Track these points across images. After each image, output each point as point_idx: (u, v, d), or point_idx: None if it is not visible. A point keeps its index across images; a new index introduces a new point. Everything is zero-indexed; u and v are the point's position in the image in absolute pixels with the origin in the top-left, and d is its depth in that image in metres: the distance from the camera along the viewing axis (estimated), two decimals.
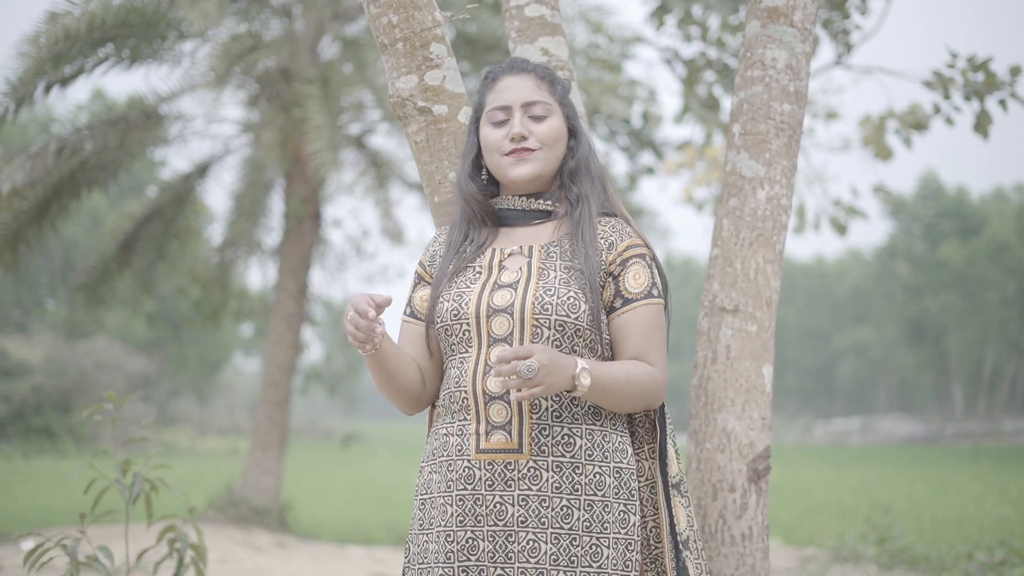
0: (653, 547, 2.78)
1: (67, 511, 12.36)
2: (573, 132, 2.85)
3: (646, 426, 2.82)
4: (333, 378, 21.22)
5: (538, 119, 2.78)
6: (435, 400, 2.84)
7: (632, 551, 2.66)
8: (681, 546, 2.75)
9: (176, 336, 35.00)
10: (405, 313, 2.85)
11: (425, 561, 2.70)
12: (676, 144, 11.50)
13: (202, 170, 13.61)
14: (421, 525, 2.74)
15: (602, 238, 2.76)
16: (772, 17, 3.50)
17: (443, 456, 2.70)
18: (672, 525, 2.76)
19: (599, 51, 11.34)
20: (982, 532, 11.11)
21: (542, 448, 2.61)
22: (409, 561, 2.78)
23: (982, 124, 7.03)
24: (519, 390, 2.44)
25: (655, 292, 2.73)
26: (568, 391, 2.53)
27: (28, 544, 7.03)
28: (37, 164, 11.02)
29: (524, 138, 2.76)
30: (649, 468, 2.80)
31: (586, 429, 2.65)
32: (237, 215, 13.75)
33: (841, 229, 10.12)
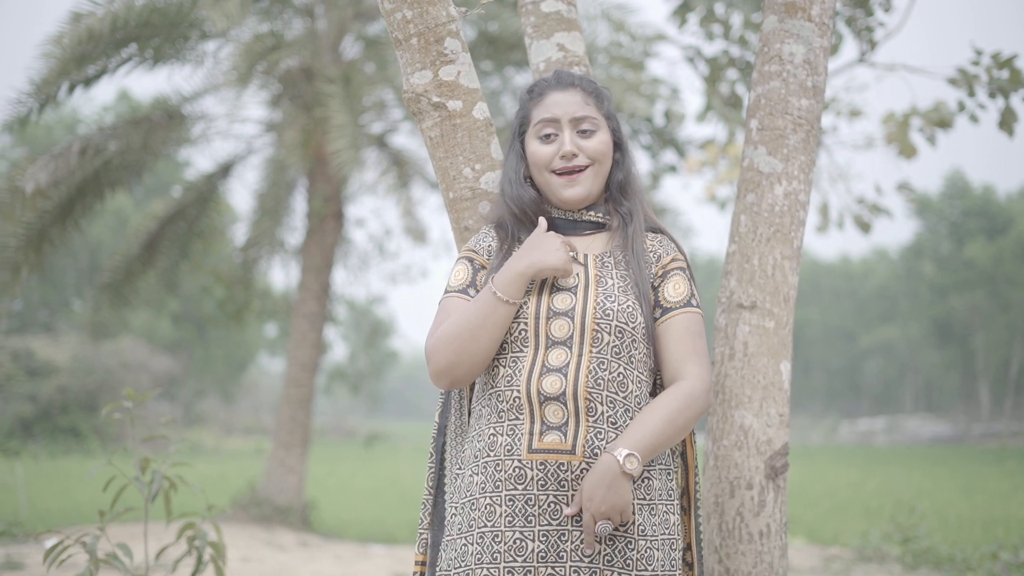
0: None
1: (92, 510, 12.41)
2: (619, 145, 2.87)
3: None
4: (356, 377, 21.24)
5: (587, 134, 2.80)
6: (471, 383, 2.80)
7: (675, 550, 2.69)
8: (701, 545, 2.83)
9: (201, 336, 35.14)
10: (469, 294, 2.79)
11: (465, 564, 2.66)
12: (698, 142, 11.45)
13: (225, 170, 13.65)
14: (460, 529, 2.71)
15: (651, 251, 2.81)
16: (790, 12, 3.47)
17: (489, 456, 2.68)
18: (697, 524, 2.82)
19: (621, 49, 11.32)
20: (1008, 532, 11.04)
21: (595, 451, 2.61)
22: (447, 566, 2.73)
23: (1007, 122, 6.97)
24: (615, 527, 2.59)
25: (694, 302, 2.77)
26: (630, 469, 2.55)
27: (50, 542, 7.04)
28: (60, 164, 11.05)
29: (575, 156, 2.78)
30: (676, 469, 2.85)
31: None
32: (260, 215, 13.77)
33: (865, 227, 10.06)
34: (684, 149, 12.47)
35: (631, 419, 2.66)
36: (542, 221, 2.75)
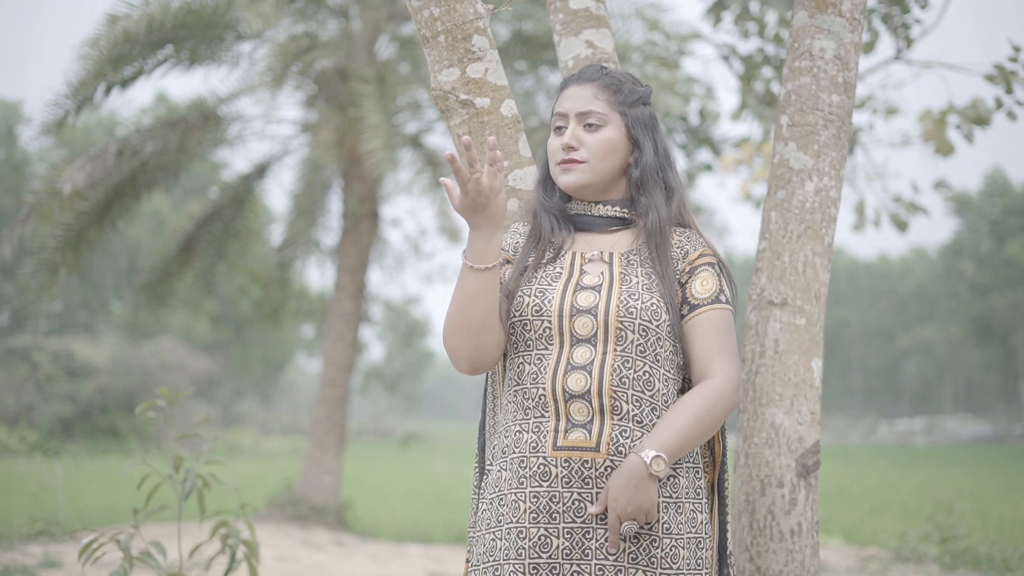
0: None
1: (130, 509, 12.47)
2: (636, 142, 2.84)
3: None
4: (392, 377, 21.28)
5: (591, 128, 2.80)
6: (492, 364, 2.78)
7: (703, 549, 2.68)
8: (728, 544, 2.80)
9: (239, 337, 35.31)
10: None
11: (493, 558, 2.68)
12: (734, 141, 11.41)
13: (260, 170, 13.70)
14: (488, 524, 2.72)
15: (677, 247, 2.79)
16: (820, 7, 3.45)
17: (515, 453, 2.69)
18: (723, 519, 2.80)
19: (655, 48, 11.28)
20: None
21: (619, 449, 2.61)
22: (476, 561, 2.74)
23: None
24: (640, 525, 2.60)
25: (723, 298, 2.75)
26: (658, 470, 2.56)
27: (86, 540, 7.10)
28: (97, 166, 11.13)
29: (573, 148, 2.79)
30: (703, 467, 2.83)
31: None
32: (296, 215, 13.82)
33: (902, 226, 9.98)
34: (719, 148, 12.43)
35: (658, 417, 2.65)
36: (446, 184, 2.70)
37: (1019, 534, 11.24)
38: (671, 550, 2.61)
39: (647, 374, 2.66)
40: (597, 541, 2.59)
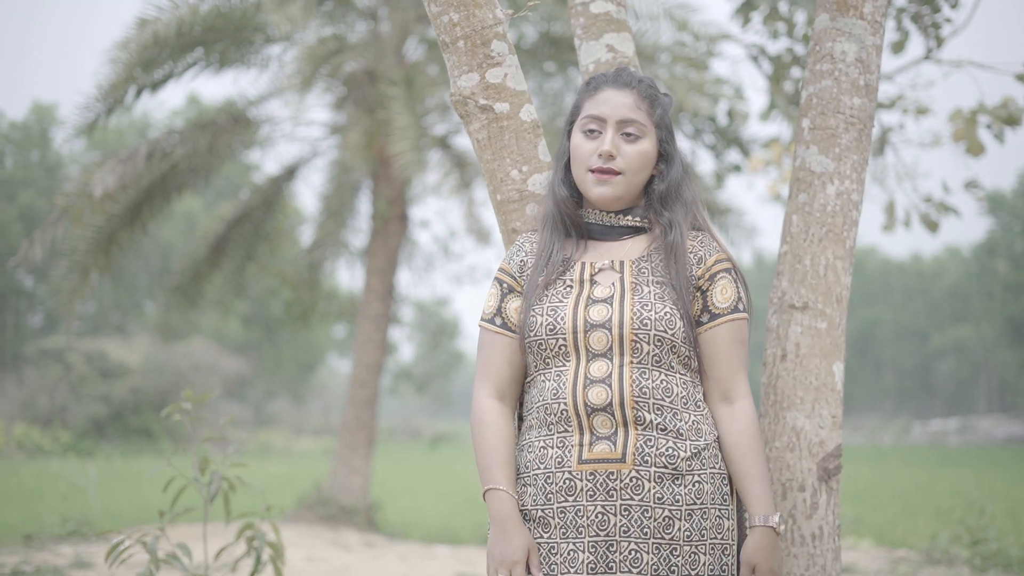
0: None
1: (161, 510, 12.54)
2: (665, 156, 2.83)
3: None
4: (422, 378, 21.32)
5: (630, 137, 2.77)
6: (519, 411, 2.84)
7: (728, 555, 2.68)
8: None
9: (270, 338, 35.45)
10: (496, 324, 2.81)
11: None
12: (763, 141, 11.37)
13: (290, 172, 13.76)
14: None
15: (691, 252, 2.77)
16: (841, 10, 3.44)
17: (540, 469, 2.69)
18: (741, 530, 2.80)
19: (684, 49, 11.27)
20: None
21: (645, 459, 2.62)
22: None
23: None
24: None
25: (740, 307, 2.76)
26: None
27: (114, 541, 7.15)
28: (128, 168, 11.21)
29: (612, 157, 2.74)
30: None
31: (690, 444, 2.66)
32: (325, 216, 13.88)
33: (932, 226, 9.92)
34: (748, 148, 12.39)
35: (681, 422, 2.66)
36: (510, 522, 2.71)
37: None
38: (690, 557, 2.62)
39: (665, 382, 2.66)
40: (621, 554, 2.60)
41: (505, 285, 2.83)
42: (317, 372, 46.16)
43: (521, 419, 2.83)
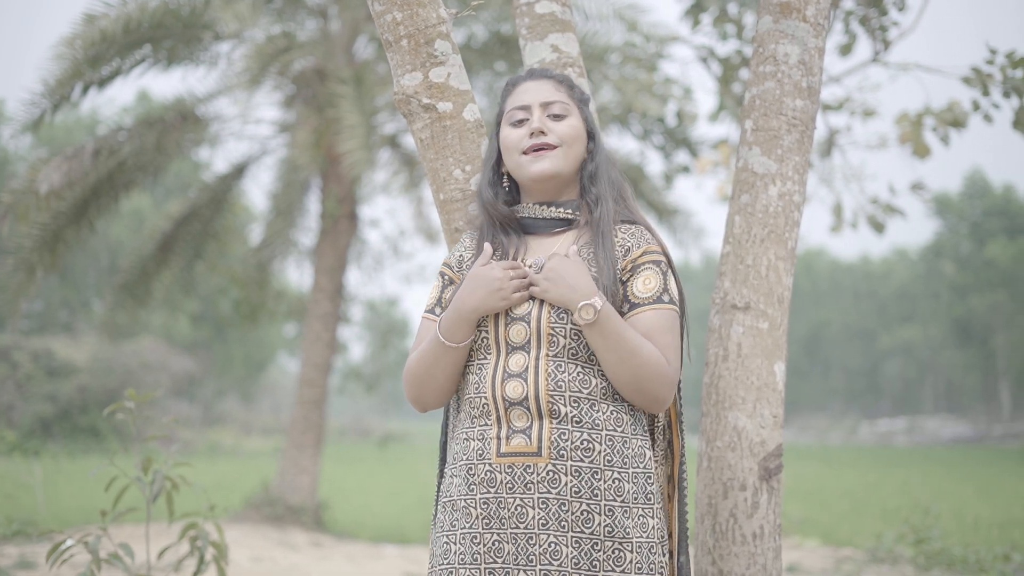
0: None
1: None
2: (592, 135, 2.86)
3: (659, 429, 2.84)
4: (371, 377, 21.26)
5: (557, 117, 2.80)
6: (447, 403, 2.86)
7: (655, 554, 2.66)
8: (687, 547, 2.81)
9: (220, 336, 35.25)
10: (435, 314, 2.83)
11: (447, 562, 2.70)
12: (711, 142, 11.42)
13: (239, 171, 13.68)
14: (442, 527, 2.74)
15: (620, 245, 2.76)
16: (784, 12, 3.46)
17: (464, 460, 2.71)
18: (682, 512, 2.81)
19: (634, 49, 11.29)
20: None
21: (560, 452, 2.61)
22: (434, 563, 2.77)
23: (1022, 121, 6.93)
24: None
25: (665, 298, 2.71)
26: (584, 319, 2.59)
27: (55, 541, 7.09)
28: (75, 165, 11.10)
29: (543, 133, 2.76)
30: (655, 470, 2.80)
31: (606, 435, 2.65)
32: (274, 215, 13.82)
33: (879, 228, 10.01)
34: (697, 149, 12.44)
35: (598, 413, 2.64)
36: (486, 248, 2.73)
37: (995, 535, 11.29)
38: (613, 552, 2.61)
39: (581, 375, 2.65)
40: (540, 547, 2.60)
41: (446, 278, 2.86)
42: (267, 371, 45.97)
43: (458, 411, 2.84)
